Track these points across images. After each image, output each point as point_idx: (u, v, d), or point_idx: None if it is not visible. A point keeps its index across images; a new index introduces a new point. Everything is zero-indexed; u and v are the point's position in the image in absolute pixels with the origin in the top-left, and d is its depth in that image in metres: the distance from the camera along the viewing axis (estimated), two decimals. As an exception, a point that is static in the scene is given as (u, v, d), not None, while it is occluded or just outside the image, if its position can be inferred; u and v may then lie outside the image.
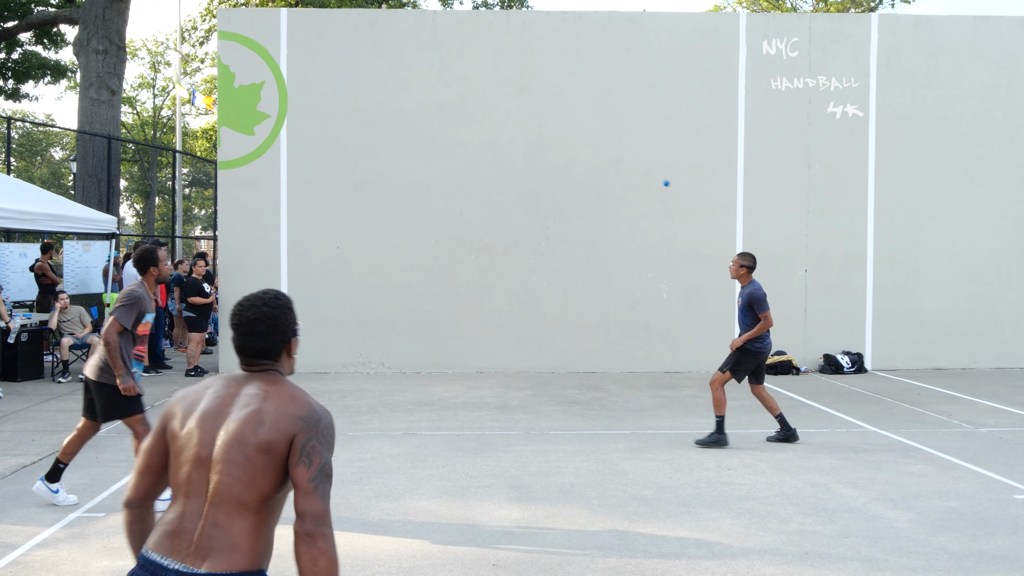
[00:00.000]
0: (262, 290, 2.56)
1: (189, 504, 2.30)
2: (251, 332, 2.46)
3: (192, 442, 2.33)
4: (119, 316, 5.82)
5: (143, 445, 2.45)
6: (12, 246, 15.51)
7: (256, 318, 2.47)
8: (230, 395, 2.40)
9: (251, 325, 2.47)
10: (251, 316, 2.47)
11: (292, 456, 2.29)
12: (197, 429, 2.34)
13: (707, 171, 12.89)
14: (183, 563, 2.24)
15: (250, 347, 2.47)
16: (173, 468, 2.37)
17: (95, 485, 6.46)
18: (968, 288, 13.13)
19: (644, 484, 6.55)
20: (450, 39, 12.76)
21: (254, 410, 2.34)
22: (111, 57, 17.96)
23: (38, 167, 47.63)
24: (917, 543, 5.26)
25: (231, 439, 2.30)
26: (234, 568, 2.23)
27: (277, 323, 2.48)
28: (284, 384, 2.43)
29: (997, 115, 13.14)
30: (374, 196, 12.65)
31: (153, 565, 2.26)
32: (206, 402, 2.39)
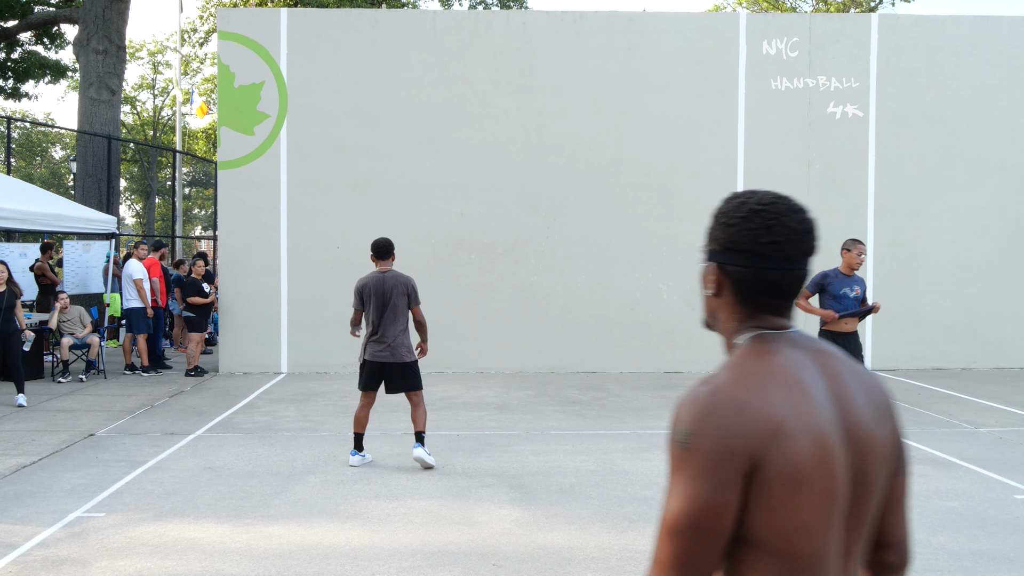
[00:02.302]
0: (768, 192, 1.65)
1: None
2: (803, 251, 1.59)
3: (836, 482, 1.45)
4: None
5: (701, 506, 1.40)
6: (12, 246, 15.52)
7: (805, 230, 1.59)
8: (823, 389, 1.50)
9: (803, 240, 1.59)
10: (796, 227, 1.57)
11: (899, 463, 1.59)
12: (832, 464, 1.44)
13: (707, 171, 12.89)
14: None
15: (793, 280, 1.61)
16: (795, 532, 1.43)
17: (95, 485, 6.47)
18: (968, 288, 13.13)
19: (644, 484, 6.54)
20: (450, 39, 12.76)
21: (875, 398, 1.57)
22: (111, 57, 17.96)
23: (38, 167, 47.62)
24: (917, 543, 5.26)
25: (880, 459, 1.53)
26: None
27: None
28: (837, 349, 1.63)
29: (997, 115, 13.14)
30: (374, 196, 12.65)
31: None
32: (811, 412, 1.45)
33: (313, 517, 5.72)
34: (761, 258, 1.56)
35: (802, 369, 1.51)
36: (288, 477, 6.72)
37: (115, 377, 11.92)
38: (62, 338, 11.59)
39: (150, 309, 12.37)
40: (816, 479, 1.41)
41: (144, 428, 8.58)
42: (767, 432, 1.40)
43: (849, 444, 1.47)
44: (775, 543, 1.42)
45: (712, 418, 1.41)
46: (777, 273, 1.57)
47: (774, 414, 1.41)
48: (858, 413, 1.50)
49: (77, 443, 7.89)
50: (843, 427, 1.47)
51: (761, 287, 1.58)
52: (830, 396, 1.49)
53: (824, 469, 1.42)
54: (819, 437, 1.42)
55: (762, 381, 1.46)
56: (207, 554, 5.03)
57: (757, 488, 1.40)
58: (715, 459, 1.39)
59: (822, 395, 1.48)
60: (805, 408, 1.44)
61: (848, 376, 1.54)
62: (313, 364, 12.51)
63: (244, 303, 12.52)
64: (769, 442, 1.40)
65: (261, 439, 8.09)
